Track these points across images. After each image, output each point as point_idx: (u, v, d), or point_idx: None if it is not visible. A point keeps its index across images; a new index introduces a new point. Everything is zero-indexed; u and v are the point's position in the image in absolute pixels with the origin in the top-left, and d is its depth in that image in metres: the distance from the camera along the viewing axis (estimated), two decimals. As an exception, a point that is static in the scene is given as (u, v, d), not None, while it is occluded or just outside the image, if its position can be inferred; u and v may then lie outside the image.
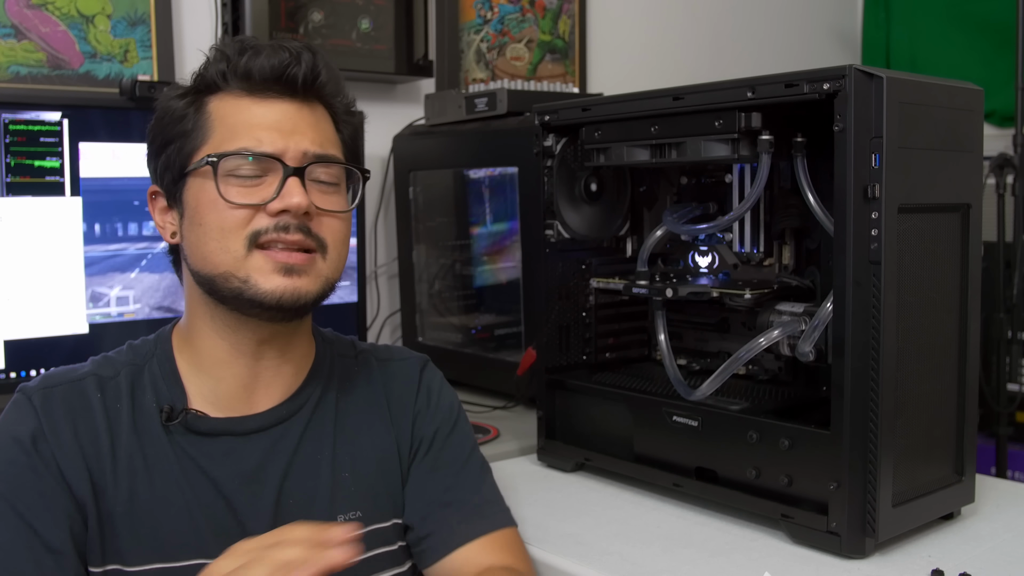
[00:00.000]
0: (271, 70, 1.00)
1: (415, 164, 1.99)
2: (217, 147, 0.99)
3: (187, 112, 1.01)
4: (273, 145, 0.99)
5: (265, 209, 0.97)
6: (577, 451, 1.41)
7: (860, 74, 1.04)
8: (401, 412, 1.13)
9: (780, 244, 1.32)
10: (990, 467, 2.32)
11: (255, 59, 1.00)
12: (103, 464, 0.98)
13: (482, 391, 1.86)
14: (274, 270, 0.97)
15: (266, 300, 0.97)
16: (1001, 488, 1.32)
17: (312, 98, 1.03)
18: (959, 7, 2.93)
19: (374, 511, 1.08)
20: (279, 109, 1.00)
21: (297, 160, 0.99)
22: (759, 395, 1.31)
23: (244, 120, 1.00)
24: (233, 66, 1.00)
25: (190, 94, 1.02)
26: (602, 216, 1.48)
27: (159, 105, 1.04)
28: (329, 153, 1.02)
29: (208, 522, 1.00)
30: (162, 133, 1.03)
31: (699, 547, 1.14)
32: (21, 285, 1.45)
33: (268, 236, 0.97)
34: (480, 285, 1.92)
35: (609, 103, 1.32)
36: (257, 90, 1.00)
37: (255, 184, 0.98)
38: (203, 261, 1.00)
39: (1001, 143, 2.40)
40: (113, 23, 1.78)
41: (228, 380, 1.04)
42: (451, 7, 2.21)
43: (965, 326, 1.17)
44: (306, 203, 0.98)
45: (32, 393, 1.00)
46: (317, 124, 1.03)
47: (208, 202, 0.98)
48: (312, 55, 1.02)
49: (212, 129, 1.00)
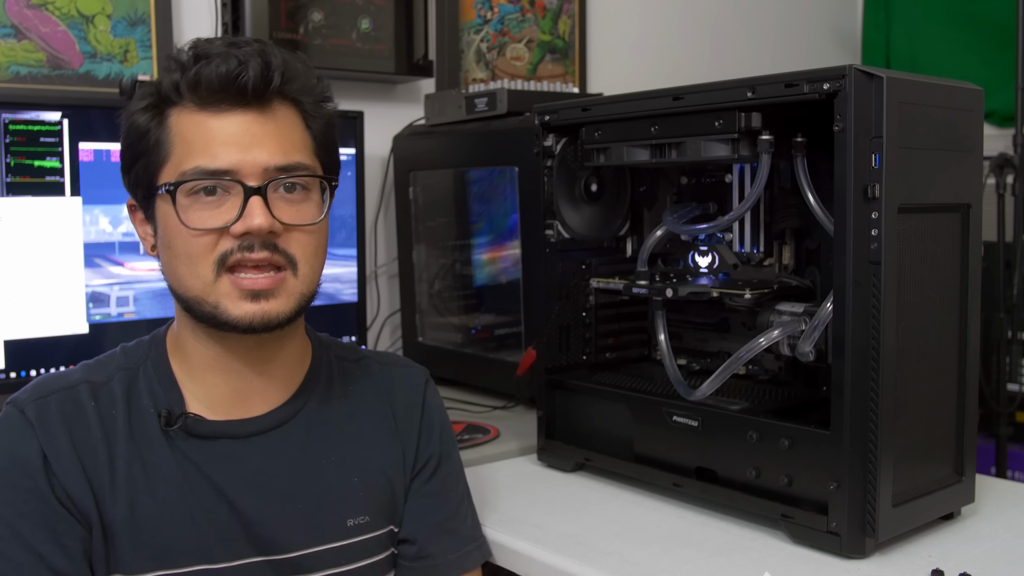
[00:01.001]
0: (219, 81, 0.94)
1: (415, 164, 1.99)
2: (176, 167, 0.96)
3: (149, 126, 0.98)
4: (230, 161, 0.94)
5: (228, 231, 0.94)
6: (577, 451, 1.41)
7: (860, 74, 1.04)
8: (407, 425, 1.13)
9: (780, 244, 1.32)
10: (990, 467, 2.32)
11: (204, 69, 0.95)
12: (101, 474, 0.96)
13: (482, 391, 1.86)
14: (241, 297, 0.95)
15: (238, 325, 0.96)
16: (1001, 488, 1.32)
17: (271, 102, 0.97)
18: (959, 7, 2.93)
19: (378, 517, 1.08)
20: (236, 121, 0.96)
21: (257, 176, 0.95)
22: (759, 395, 1.31)
23: (200, 136, 0.95)
24: (185, 77, 0.96)
25: (151, 108, 0.98)
26: (602, 216, 1.48)
27: (124, 119, 1.00)
28: (293, 162, 0.97)
29: (211, 527, 0.98)
30: (129, 149, 1.00)
31: (699, 547, 1.14)
32: (21, 285, 1.45)
33: (234, 257, 0.95)
34: (480, 285, 1.92)
35: (609, 103, 1.32)
36: (210, 103, 0.96)
37: (217, 204, 0.95)
38: (177, 283, 0.99)
39: (1001, 143, 2.40)
40: (113, 23, 1.78)
41: (221, 386, 1.03)
42: (451, 7, 2.21)
43: (965, 326, 1.17)
44: (267, 224, 0.94)
45: (25, 406, 0.97)
46: (278, 132, 0.97)
47: (173, 227, 0.96)
48: (261, 58, 0.96)
49: (172, 145, 0.97)
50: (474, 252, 1.91)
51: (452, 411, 1.68)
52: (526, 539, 1.17)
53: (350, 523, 1.05)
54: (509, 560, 1.18)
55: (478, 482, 1.33)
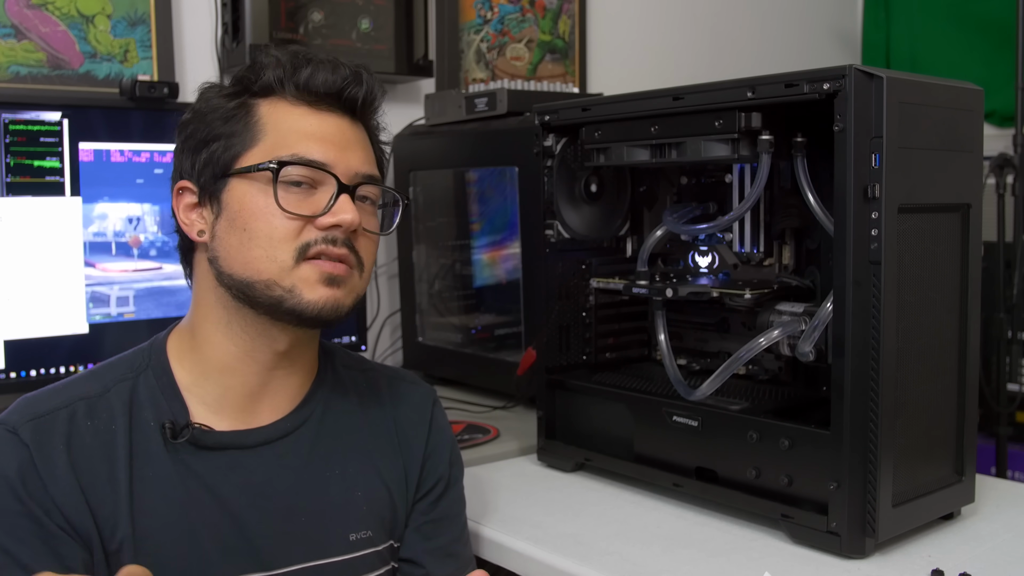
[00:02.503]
0: (332, 85, 1.00)
1: (415, 164, 1.99)
2: (268, 152, 0.98)
3: (236, 112, 1.00)
4: (328, 156, 0.98)
5: (315, 222, 0.97)
6: (577, 451, 1.41)
7: (860, 74, 1.04)
8: (411, 443, 1.12)
9: (780, 244, 1.32)
10: (990, 467, 2.32)
11: (318, 72, 1.00)
12: (101, 494, 0.94)
13: (482, 391, 1.86)
14: (319, 280, 0.97)
15: (307, 311, 0.97)
16: (1001, 488, 1.32)
17: (361, 119, 1.05)
18: (959, 7, 2.93)
19: (380, 532, 1.07)
20: (334, 123, 1.01)
21: (349, 177, 0.99)
22: (759, 395, 1.31)
23: (299, 128, 0.99)
24: (292, 75, 1.00)
25: (239, 95, 1.01)
26: (602, 216, 1.48)
27: (201, 100, 1.02)
28: (376, 174, 1.04)
29: (213, 543, 0.97)
30: (205, 129, 1.00)
31: (699, 547, 1.14)
32: (21, 285, 1.45)
33: (316, 248, 0.97)
34: (480, 285, 1.92)
35: (609, 103, 1.32)
36: (312, 101, 1.00)
37: (306, 195, 0.98)
38: (244, 267, 0.97)
39: (1001, 143, 2.40)
40: (113, 23, 1.78)
41: (235, 388, 1.01)
42: (451, 7, 2.21)
43: (965, 326, 1.17)
44: (357, 221, 0.98)
45: (19, 427, 0.93)
46: (364, 144, 1.04)
47: (257, 208, 0.97)
48: (371, 77, 1.03)
49: (263, 133, 0.99)
50: (474, 252, 1.91)
51: (452, 411, 1.68)
52: (526, 539, 1.17)
53: (352, 537, 1.04)
54: (509, 560, 1.18)
55: (478, 482, 1.33)
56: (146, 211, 1.56)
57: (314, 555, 1.02)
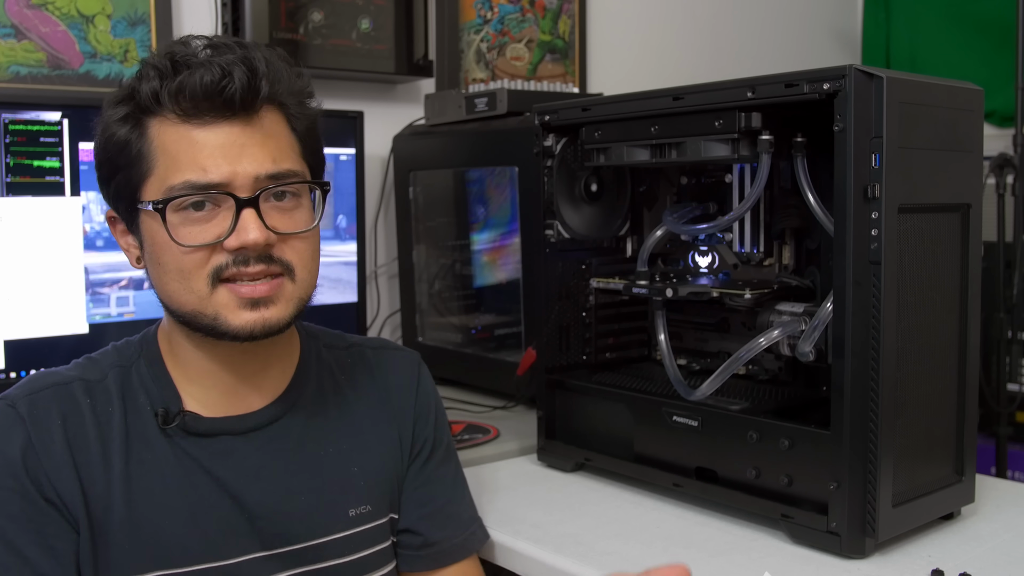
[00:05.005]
0: (203, 91, 0.91)
1: (415, 164, 1.99)
2: (162, 179, 0.93)
3: (130, 138, 0.95)
4: (220, 174, 0.92)
5: (222, 246, 0.93)
6: (577, 451, 1.41)
7: (860, 74, 1.04)
8: (402, 409, 1.13)
9: (780, 244, 1.32)
10: (990, 467, 2.32)
11: (188, 79, 0.91)
12: (94, 473, 0.95)
13: (482, 391, 1.86)
14: (240, 306, 0.94)
15: (239, 334, 0.95)
16: (1001, 488, 1.32)
17: (257, 110, 0.95)
18: (959, 7, 2.93)
19: (379, 505, 1.09)
20: (222, 132, 0.93)
21: (248, 188, 0.93)
22: (759, 395, 1.31)
23: (186, 149, 0.92)
24: (166, 87, 0.92)
25: (129, 119, 0.95)
26: (602, 216, 1.48)
27: (101, 128, 0.97)
28: (283, 169, 0.95)
29: (214, 524, 0.98)
30: (108, 161, 0.97)
31: (699, 547, 1.14)
32: (21, 285, 1.45)
33: (229, 271, 0.93)
34: (480, 285, 1.92)
35: (609, 103, 1.32)
36: (193, 114, 0.92)
37: (208, 219, 0.93)
38: (169, 299, 0.97)
39: (1001, 143, 2.40)
40: (113, 23, 1.78)
41: (215, 387, 1.02)
42: (451, 7, 2.21)
43: (965, 326, 1.17)
44: (263, 237, 0.93)
45: (17, 401, 0.94)
46: (266, 140, 0.95)
47: (163, 242, 0.93)
48: (246, 65, 0.93)
49: (155, 160, 0.94)
50: (474, 252, 1.91)
51: (452, 411, 1.68)
52: (526, 539, 1.17)
53: (352, 513, 1.05)
54: (509, 560, 1.18)
55: (478, 482, 1.33)
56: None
57: (315, 533, 1.03)
